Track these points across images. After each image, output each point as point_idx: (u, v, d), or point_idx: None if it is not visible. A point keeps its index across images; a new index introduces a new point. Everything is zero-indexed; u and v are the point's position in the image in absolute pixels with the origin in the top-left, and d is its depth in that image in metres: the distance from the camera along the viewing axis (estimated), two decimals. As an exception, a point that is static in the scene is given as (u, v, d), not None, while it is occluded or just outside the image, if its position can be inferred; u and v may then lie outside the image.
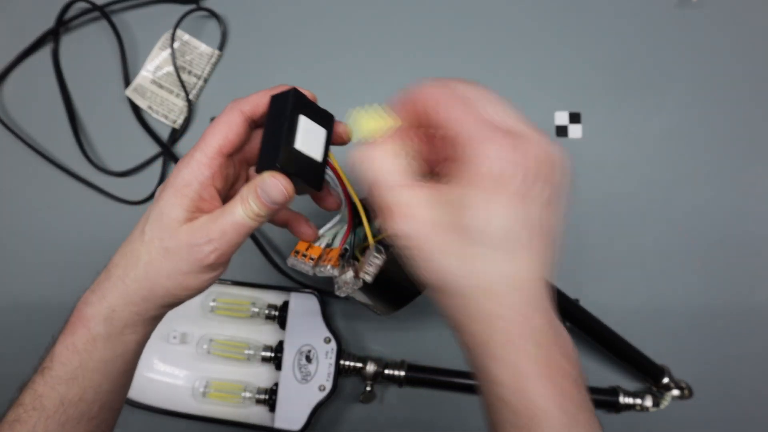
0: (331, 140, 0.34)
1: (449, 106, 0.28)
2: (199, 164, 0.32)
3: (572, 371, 0.27)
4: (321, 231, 0.39)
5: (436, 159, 0.30)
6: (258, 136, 0.35)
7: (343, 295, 0.39)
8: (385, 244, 0.38)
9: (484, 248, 0.26)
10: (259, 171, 0.32)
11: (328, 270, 0.37)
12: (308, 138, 0.32)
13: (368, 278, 0.37)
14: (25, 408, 0.33)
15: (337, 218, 0.39)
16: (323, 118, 0.34)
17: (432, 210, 0.27)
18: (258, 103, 0.33)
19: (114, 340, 0.33)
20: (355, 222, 0.38)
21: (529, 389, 0.26)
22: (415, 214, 0.27)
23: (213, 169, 0.32)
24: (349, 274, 0.38)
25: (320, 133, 0.33)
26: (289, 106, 0.32)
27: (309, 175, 0.33)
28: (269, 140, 0.32)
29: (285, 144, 0.31)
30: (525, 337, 0.27)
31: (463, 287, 0.27)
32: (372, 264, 0.37)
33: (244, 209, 0.31)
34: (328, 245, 0.39)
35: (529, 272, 0.28)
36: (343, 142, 0.35)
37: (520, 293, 0.27)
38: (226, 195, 0.35)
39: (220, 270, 0.34)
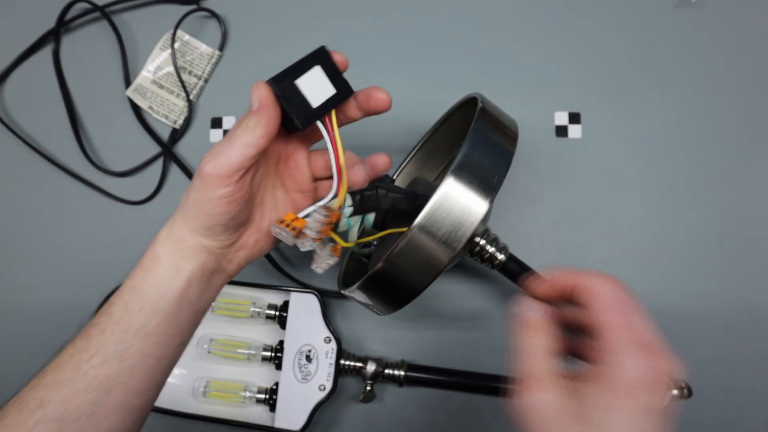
0: (338, 104, 0.37)
1: (610, 308, 0.33)
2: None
3: None
4: (310, 208, 0.39)
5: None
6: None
7: (319, 271, 0.39)
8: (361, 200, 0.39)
9: None
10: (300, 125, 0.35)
11: (308, 243, 0.37)
12: (313, 85, 0.36)
13: (313, 234, 0.37)
14: (98, 315, 0.36)
15: (330, 195, 0.39)
16: (340, 83, 0.37)
17: (566, 398, 0.30)
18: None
19: (168, 260, 0.37)
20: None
21: None
22: (549, 393, 0.31)
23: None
24: (327, 248, 0.38)
25: (328, 90, 0.37)
26: (312, 54, 0.36)
27: (293, 108, 0.35)
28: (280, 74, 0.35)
29: (287, 73, 0.35)
30: None
31: None
32: (316, 221, 0.37)
33: (238, 124, 0.35)
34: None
35: None
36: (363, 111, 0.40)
37: None
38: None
39: (223, 188, 0.35)
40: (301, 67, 0.36)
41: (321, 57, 0.37)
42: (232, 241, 0.39)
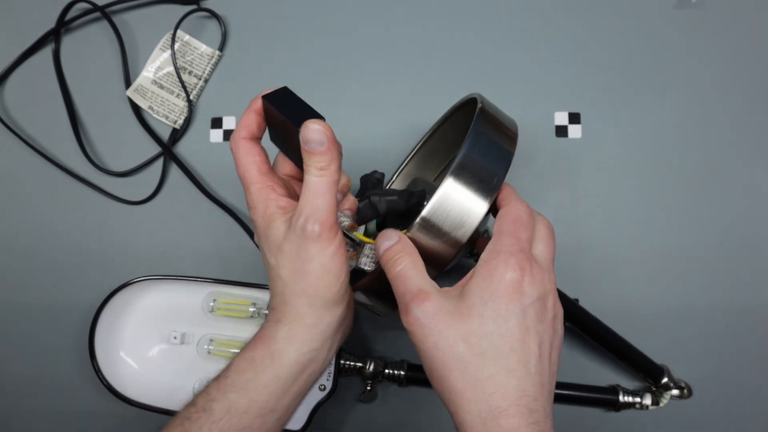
0: None
1: (506, 220, 0.35)
2: (258, 193, 0.37)
3: None
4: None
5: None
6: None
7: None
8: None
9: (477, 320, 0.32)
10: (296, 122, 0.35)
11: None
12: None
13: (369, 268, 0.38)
14: (196, 409, 0.35)
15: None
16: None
17: (447, 301, 0.33)
18: (250, 124, 0.38)
19: (292, 356, 0.35)
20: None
21: None
22: (429, 301, 0.32)
23: (268, 186, 0.37)
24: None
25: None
26: (291, 94, 0.37)
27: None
28: (296, 113, 0.35)
29: (312, 109, 0.36)
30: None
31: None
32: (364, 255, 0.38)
33: (308, 173, 0.34)
34: None
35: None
36: None
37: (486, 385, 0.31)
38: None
39: (332, 241, 0.35)
40: (294, 102, 0.37)
41: (291, 93, 0.38)
42: (349, 306, 0.38)
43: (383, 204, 0.40)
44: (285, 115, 0.35)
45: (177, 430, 0.34)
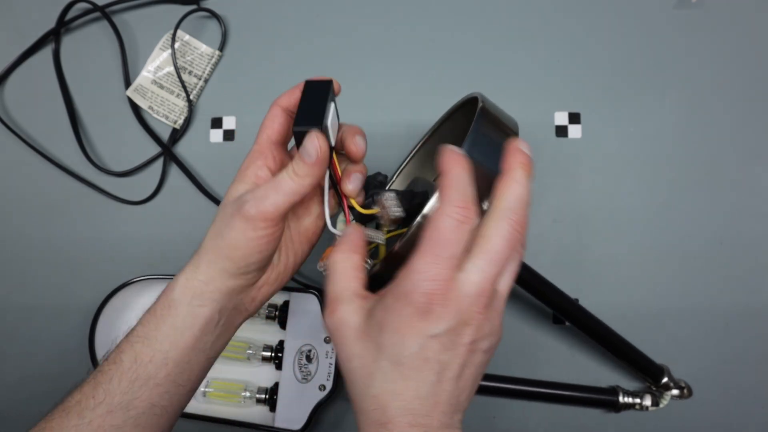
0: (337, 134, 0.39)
1: (431, 225, 0.32)
2: (253, 152, 0.39)
3: None
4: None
5: None
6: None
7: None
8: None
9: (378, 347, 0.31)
10: (295, 126, 0.36)
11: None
12: (331, 122, 0.37)
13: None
14: (107, 362, 0.36)
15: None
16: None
17: (359, 316, 0.33)
18: (291, 97, 0.40)
19: (185, 308, 0.36)
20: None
21: None
22: (344, 312, 0.33)
23: (264, 153, 0.39)
24: None
25: (336, 123, 0.39)
26: (329, 92, 0.38)
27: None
28: (305, 111, 0.37)
29: (315, 112, 0.36)
30: None
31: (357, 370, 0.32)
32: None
33: (286, 171, 0.35)
34: None
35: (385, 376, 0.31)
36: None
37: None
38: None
39: (267, 230, 0.36)
40: (319, 100, 0.37)
41: (326, 90, 0.38)
42: (257, 279, 0.39)
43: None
44: (300, 107, 0.37)
45: (90, 384, 0.35)
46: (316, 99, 0.37)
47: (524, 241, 0.33)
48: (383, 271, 0.37)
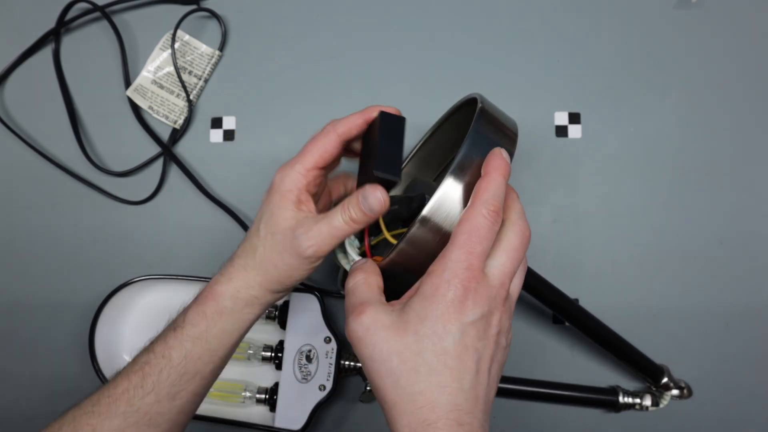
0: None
1: (458, 232, 0.34)
2: (298, 174, 0.40)
3: None
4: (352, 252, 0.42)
5: None
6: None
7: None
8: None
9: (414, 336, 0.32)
10: (378, 170, 0.37)
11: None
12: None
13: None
14: (155, 355, 0.39)
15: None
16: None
17: (387, 315, 0.33)
18: (351, 126, 0.40)
19: (235, 315, 0.40)
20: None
21: None
22: (369, 314, 0.33)
23: (308, 179, 0.40)
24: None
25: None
26: (404, 133, 0.38)
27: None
28: (386, 155, 0.37)
29: (401, 166, 0.37)
30: None
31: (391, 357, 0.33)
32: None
33: (342, 215, 0.37)
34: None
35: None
36: None
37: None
38: (318, 198, 0.43)
39: (317, 263, 0.39)
40: (396, 143, 0.38)
41: (401, 130, 0.39)
42: (292, 290, 0.43)
43: (387, 217, 0.40)
44: (381, 146, 0.37)
45: (138, 374, 0.38)
46: (393, 140, 0.38)
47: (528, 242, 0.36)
48: (384, 270, 0.37)
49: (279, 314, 0.54)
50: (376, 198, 0.36)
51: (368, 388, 0.53)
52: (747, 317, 0.54)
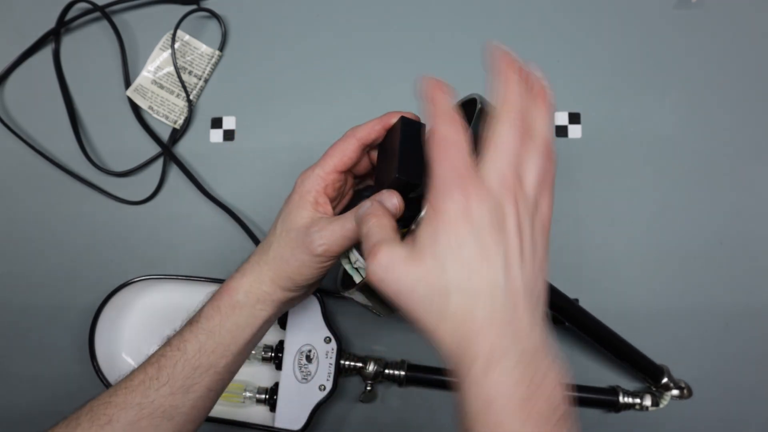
0: None
1: (433, 144, 0.33)
2: (317, 177, 0.41)
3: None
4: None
5: None
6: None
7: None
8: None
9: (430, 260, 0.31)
10: (400, 173, 0.37)
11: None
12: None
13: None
14: (171, 348, 0.40)
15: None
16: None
17: (402, 248, 0.33)
18: (371, 131, 0.42)
19: (248, 310, 0.41)
20: None
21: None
22: (384, 252, 0.33)
23: (327, 181, 0.41)
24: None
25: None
26: (421, 136, 0.39)
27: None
28: (407, 159, 0.38)
29: (423, 171, 0.37)
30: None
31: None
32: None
33: (363, 215, 0.37)
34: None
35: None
36: None
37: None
38: (338, 203, 0.45)
39: (329, 262, 0.40)
40: (416, 148, 0.38)
41: (420, 135, 0.39)
42: (308, 290, 0.44)
43: None
44: (402, 150, 0.38)
45: (153, 366, 0.39)
46: (414, 145, 0.39)
47: (537, 132, 0.34)
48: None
49: (279, 314, 0.54)
50: (392, 203, 0.37)
51: (368, 388, 0.53)
52: (747, 317, 0.54)
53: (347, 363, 0.53)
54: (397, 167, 0.37)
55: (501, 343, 0.29)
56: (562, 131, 0.56)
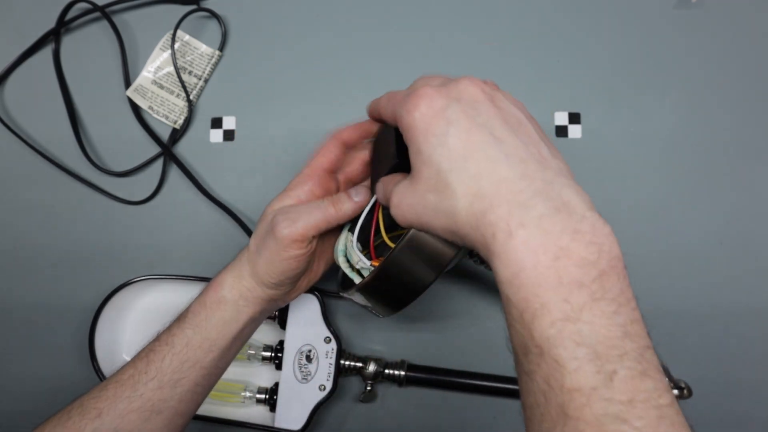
0: None
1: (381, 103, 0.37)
2: (303, 175, 0.43)
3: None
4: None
5: None
6: (353, 157, 0.46)
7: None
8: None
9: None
10: (401, 159, 0.37)
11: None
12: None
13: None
14: (159, 342, 0.41)
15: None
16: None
17: (403, 180, 0.34)
18: (353, 133, 0.44)
19: (232, 305, 0.42)
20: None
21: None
22: (397, 192, 0.34)
23: (313, 179, 0.43)
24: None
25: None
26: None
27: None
28: (400, 143, 0.37)
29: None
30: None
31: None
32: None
33: (329, 199, 0.40)
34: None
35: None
36: None
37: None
38: None
39: (298, 252, 0.40)
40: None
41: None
42: (292, 288, 0.44)
43: (386, 219, 0.40)
44: (395, 143, 0.38)
45: (143, 361, 0.40)
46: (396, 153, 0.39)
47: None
48: (383, 271, 0.37)
49: (279, 314, 0.54)
50: (362, 191, 0.40)
51: (368, 388, 0.53)
52: (747, 317, 0.54)
53: (347, 363, 0.53)
54: (394, 153, 0.38)
55: (514, 211, 0.28)
56: (562, 131, 0.56)
